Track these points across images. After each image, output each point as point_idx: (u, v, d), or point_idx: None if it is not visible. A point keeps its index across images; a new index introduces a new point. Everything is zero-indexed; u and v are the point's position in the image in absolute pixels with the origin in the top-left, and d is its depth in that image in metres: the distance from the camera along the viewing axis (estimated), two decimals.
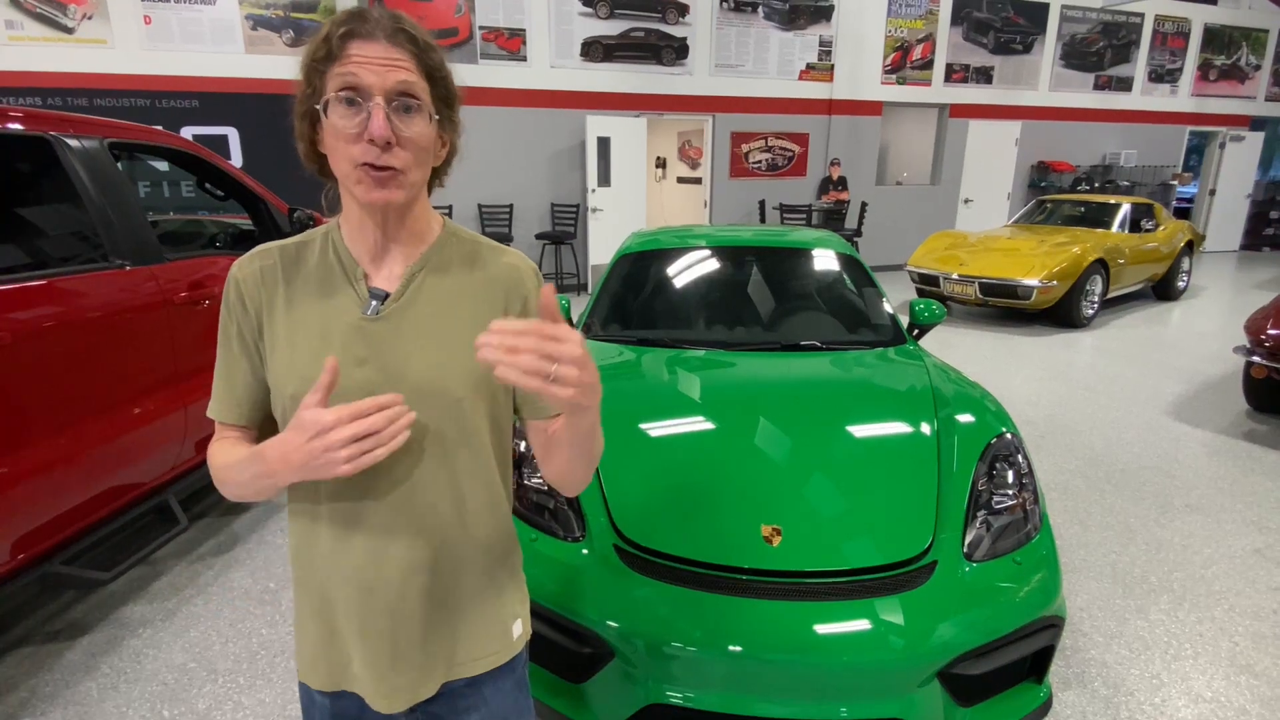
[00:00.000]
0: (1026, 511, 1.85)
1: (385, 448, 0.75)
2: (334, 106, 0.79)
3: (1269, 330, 4.04)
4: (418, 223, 0.91)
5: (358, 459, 0.75)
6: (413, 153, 0.82)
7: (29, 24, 6.56)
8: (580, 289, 8.82)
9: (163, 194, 7.13)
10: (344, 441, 0.74)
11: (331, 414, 0.74)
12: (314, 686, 0.96)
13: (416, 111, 0.81)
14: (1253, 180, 12.71)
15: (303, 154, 0.88)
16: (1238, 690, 2.11)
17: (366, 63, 0.78)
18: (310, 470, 0.77)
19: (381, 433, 0.75)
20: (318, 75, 0.80)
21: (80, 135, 2.34)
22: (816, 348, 2.62)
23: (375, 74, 0.78)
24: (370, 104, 0.78)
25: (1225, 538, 3.00)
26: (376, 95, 0.78)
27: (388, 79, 0.79)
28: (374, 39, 0.79)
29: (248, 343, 0.90)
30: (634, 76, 8.71)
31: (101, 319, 2.24)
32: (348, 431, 0.74)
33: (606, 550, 1.72)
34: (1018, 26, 10.47)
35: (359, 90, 0.78)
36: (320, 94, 0.80)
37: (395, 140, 0.79)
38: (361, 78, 0.78)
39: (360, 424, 0.74)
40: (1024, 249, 6.89)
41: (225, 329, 0.91)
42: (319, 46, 0.80)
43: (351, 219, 0.89)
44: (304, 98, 0.83)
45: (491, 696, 0.99)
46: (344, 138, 0.79)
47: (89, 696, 2.09)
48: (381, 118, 0.78)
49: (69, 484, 2.14)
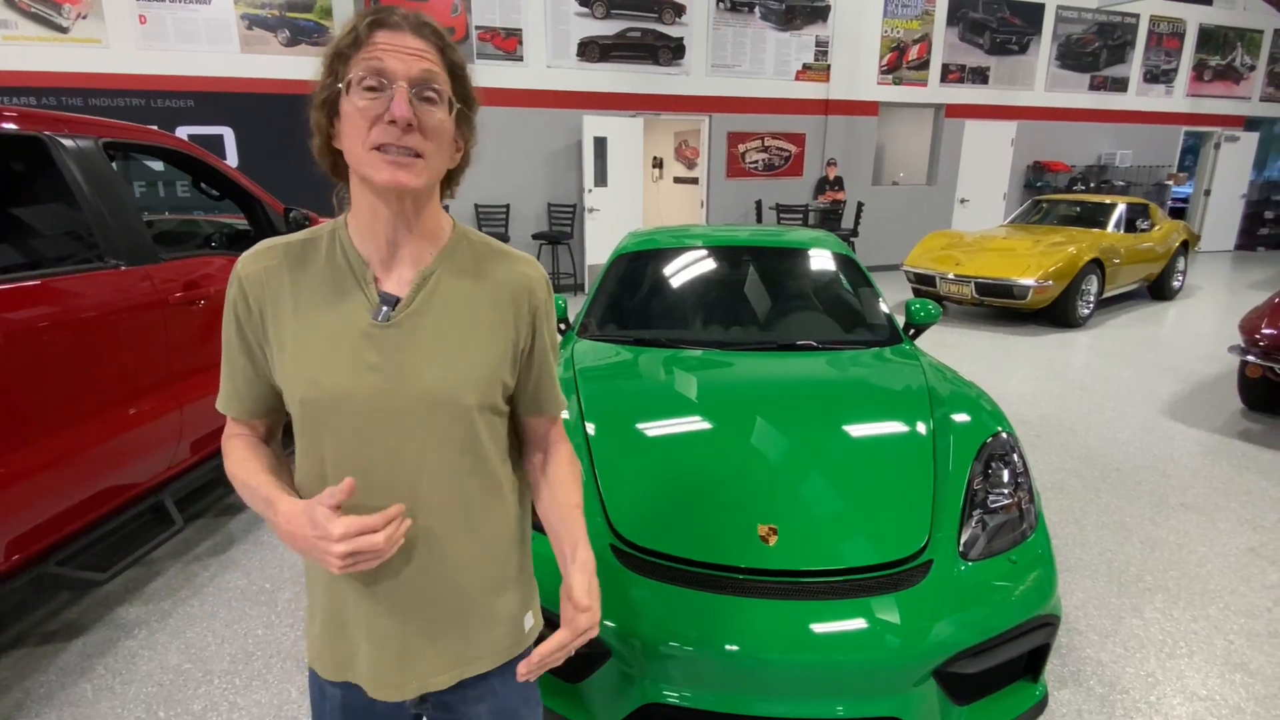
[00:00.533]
0: (1022, 510, 1.86)
1: (378, 559, 0.80)
2: (356, 89, 0.80)
3: (1263, 329, 4.06)
4: (429, 221, 0.91)
5: (349, 568, 0.79)
6: (432, 140, 0.83)
7: (23, 23, 6.54)
8: (577, 289, 8.82)
9: (158, 194, 7.11)
10: (344, 553, 0.77)
11: (340, 527, 0.77)
12: (321, 674, 0.97)
13: (438, 102, 0.83)
14: (1247, 180, 12.76)
15: (316, 148, 0.88)
16: (1232, 688, 2.12)
17: (392, 49, 0.80)
18: (304, 554, 0.82)
19: (379, 550, 0.79)
20: (341, 63, 0.82)
21: (75, 135, 2.33)
22: (812, 347, 2.63)
23: (400, 60, 0.80)
24: (394, 87, 0.79)
25: (1220, 536, 3.01)
26: (400, 80, 0.80)
27: (412, 66, 0.80)
28: (401, 30, 0.81)
29: (249, 341, 0.90)
30: (630, 76, 8.71)
31: (96, 319, 2.23)
32: (348, 547, 0.77)
33: (603, 550, 1.72)
34: (1013, 27, 10.50)
35: (383, 74, 0.80)
36: (342, 81, 0.81)
37: (416, 124, 0.80)
38: (386, 62, 0.80)
39: (361, 542, 0.77)
40: (1020, 249, 6.91)
41: (228, 326, 0.91)
42: (345, 36, 0.82)
43: (362, 216, 0.88)
44: (324, 86, 0.83)
45: (501, 687, 1.00)
46: (365, 118, 0.80)
47: (84, 698, 2.08)
48: (405, 98, 0.79)
49: (64, 484, 2.13)
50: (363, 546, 0.77)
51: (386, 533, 0.79)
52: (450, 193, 0.96)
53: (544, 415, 1.01)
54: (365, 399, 0.85)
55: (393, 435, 0.86)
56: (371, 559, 0.79)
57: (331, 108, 0.84)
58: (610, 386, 2.35)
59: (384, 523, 0.79)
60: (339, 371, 0.85)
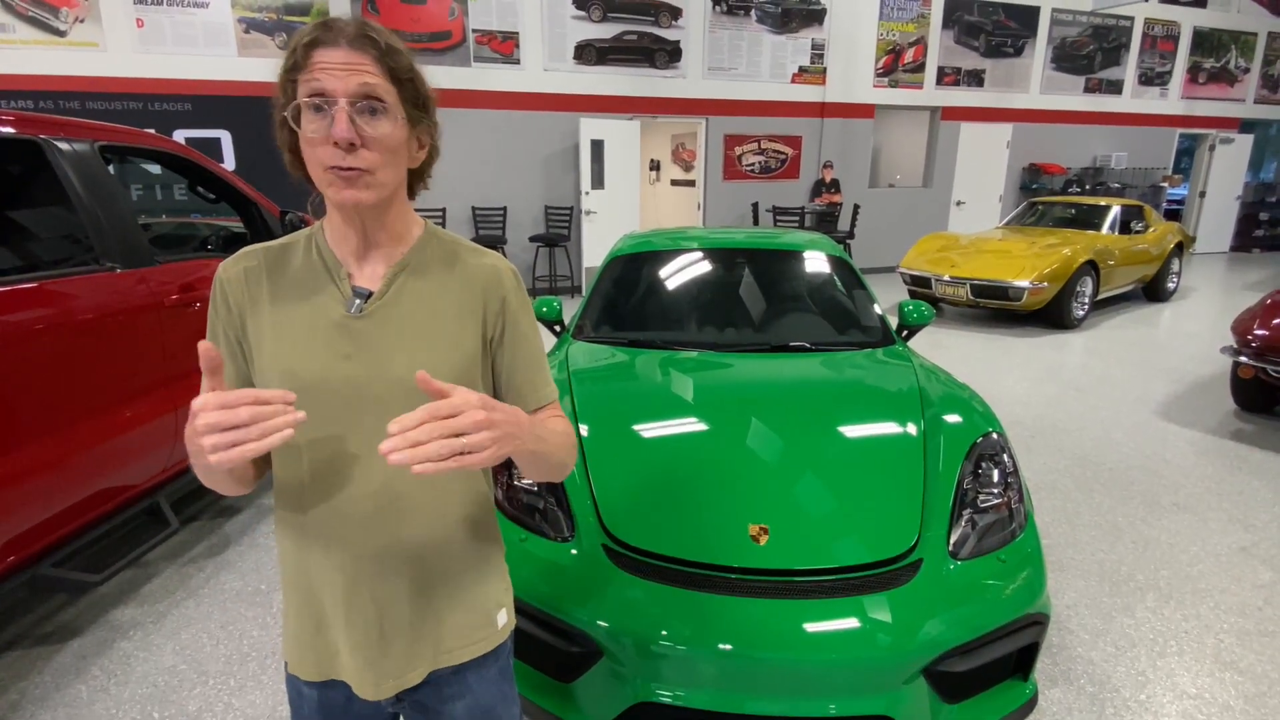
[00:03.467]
0: (1011, 510, 1.87)
1: (254, 445, 0.69)
2: (304, 113, 0.81)
3: (1255, 330, 4.08)
4: (396, 224, 0.93)
5: (222, 452, 0.69)
6: (380, 153, 0.84)
7: (20, 27, 6.54)
8: (574, 291, 8.83)
9: (155, 197, 7.12)
10: (207, 428, 0.69)
11: (201, 399, 0.70)
12: (303, 678, 0.98)
13: (382, 113, 0.83)
14: (1242, 182, 12.80)
15: (287, 163, 0.90)
16: (1222, 687, 2.14)
17: (329, 68, 0.81)
18: (195, 459, 0.75)
19: (248, 428, 0.69)
20: (290, 85, 0.83)
21: (71, 138, 2.34)
22: (805, 349, 2.64)
23: (337, 78, 0.80)
24: (334, 108, 0.80)
25: (1212, 536, 3.03)
26: (339, 99, 0.80)
27: (349, 82, 0.81)
28: (336, 45, 0.81)
29: (231, 342, 0.93)
30: (627, 79, 8.73)
31: (91, 321, 2.24)
32: (208, 419, 0.69)
33: (595, 550, 1.74)
34: (1009, 29, 10.54)
35: (323, 95, 0.80)
36: (289, 104, 0.83)
37: (360, 141, 0.82)
38: (325, 83, 0.80)
39: (222, 415, 0.69)
40: (1015, 251, 6.93)
41: (212, 328, 0.93)
42: (287, 57, 0.83)
43: (335, 222, 0.92)
44: (279, 107, 0.85)
45: (476, 684, 1.01)
46: (313, 142, 0.82)
47: (79, 699, 2.09)
48: (344, 120, 0.80)
49: (59, 486, 2.14)
50: (223, 420, 0.68)
51: (253, 409, 0.69)
52: (423, 185, 0.98)
53: (526, 408, 1.00)
54: (340, 387, 0.88)
55: (368, 423, 0.88)
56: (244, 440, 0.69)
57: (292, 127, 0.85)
58: (604, 388, 2.36)
59: (252, 399, 0.70)
60: (315, 361, 0.88)
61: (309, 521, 0.92)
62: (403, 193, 0.93)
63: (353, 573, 0.91)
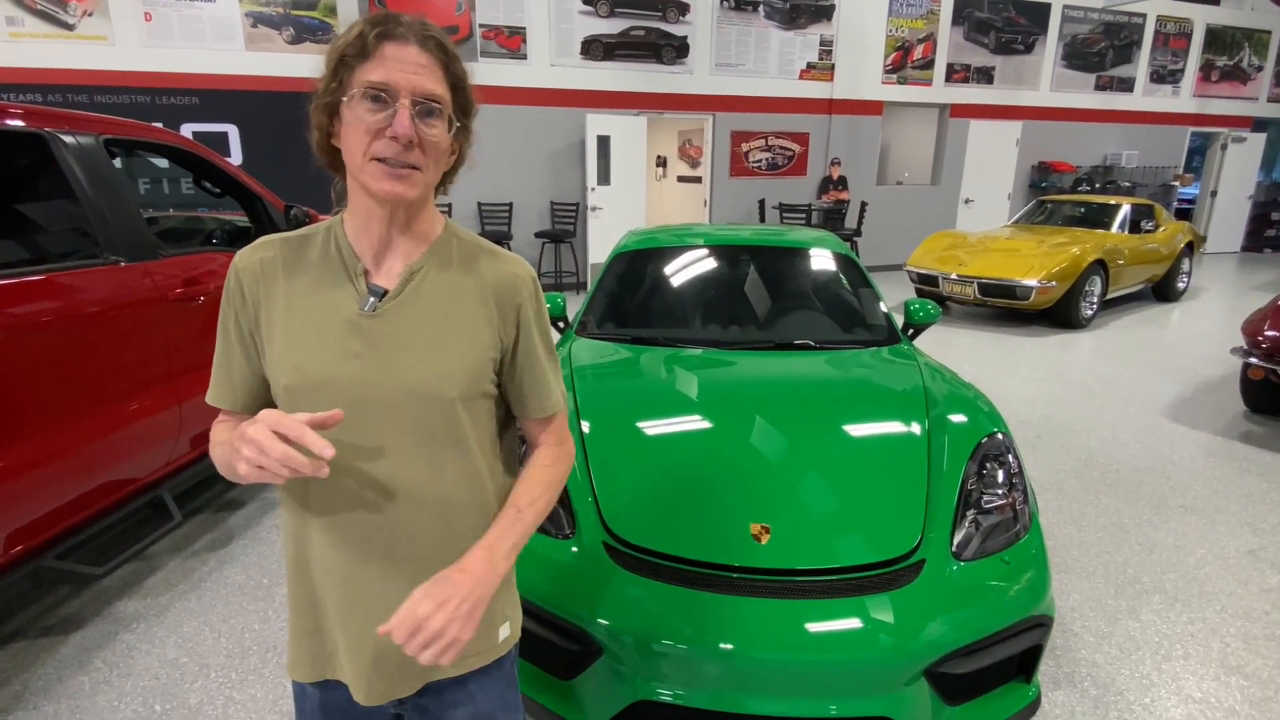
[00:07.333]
0: (1016, 511, 1.86)
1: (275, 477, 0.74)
2: (360, 101, 0.81)
3: (1266, 332, 4.04)
4: (422, 223, 0.93)
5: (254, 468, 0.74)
6: (430, 155, 0.85)
7: (30, 20, 6.57)
8: (580, 287, 8.83)
9: (162, 191, 7.14)
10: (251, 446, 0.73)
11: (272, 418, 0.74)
12: (299, 679, 0.98)
13: (438, 116, 0.84)
14: (1254, 181, 12.68)
15: (315, 144, 0.89)
16: (1228, 691, 2.12)
17: (398, 64, 0.81)
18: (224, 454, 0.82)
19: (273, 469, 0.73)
20: (346, 70, 0.82)
21: (76, 132, 2.34)
22: (810, 347, 2.63)
23: (405, 76, 0.81)
24: (397, 104, 0.81)
25: (1219, 539, 3.00)
26: (404, 96, 0.81)
27: (416, 83, 0.81)
28: (407, 42, 0.82)
29: (244, 333, 0.92)
30: (634, 75, 8.70)
31: (96, 314, 2.25)
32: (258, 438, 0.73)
33: (596, 548, 1.73)
34: (1019, 26, 10.46)
35: (388, 89, 0.81)
36: (346, 88, 0.82)
37: (417, 141, 0.82)
38: (392, 77, 0.81)
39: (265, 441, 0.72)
40: (1023, 249, 6.88)
41: (224, 317, 0.93)
42: (352, 43, 0.82)
43: (358, 213, 0.90)
44: (327, 89, 0.84)
45: (478, 692, 1.00)
46: (367, 131, 0.81)
47: (81, 691, 2.10)
48: (407, 118, 0.81)
49: (63, 478, 2.14)
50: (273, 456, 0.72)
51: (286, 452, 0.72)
52: (444, 189, 0.97)
53: (529, 416, 1.01)
54: (347, 386, 0.87)
55: (374, 424, 0.87)
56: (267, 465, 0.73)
57: (332, 109, 0.85)
58: (607, 385, 2.35)
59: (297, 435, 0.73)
60: (323, 358, 0.87)
61: (311, 520, 0.91)
62: (431, 194, 0.93)
63: (352, 575, 0.90)
